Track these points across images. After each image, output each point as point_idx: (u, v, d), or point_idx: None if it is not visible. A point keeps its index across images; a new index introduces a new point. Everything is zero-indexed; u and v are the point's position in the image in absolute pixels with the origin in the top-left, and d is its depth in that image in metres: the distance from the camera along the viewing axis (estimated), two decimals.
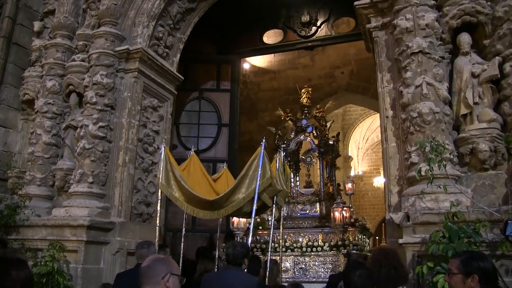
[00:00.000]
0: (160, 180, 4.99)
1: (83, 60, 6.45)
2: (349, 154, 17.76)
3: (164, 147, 5.16)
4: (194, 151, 5.69)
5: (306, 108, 9.54)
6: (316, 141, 9.09)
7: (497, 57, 4.39)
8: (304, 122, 9.24)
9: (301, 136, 9.26)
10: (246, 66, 13.63)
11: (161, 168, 5.02)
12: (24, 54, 7.28)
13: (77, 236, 5.33)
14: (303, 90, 9.67)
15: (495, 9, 4.49)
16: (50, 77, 6.47)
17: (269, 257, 5.10)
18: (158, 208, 5.28)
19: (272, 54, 13.24)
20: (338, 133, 10.36)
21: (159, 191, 5.13)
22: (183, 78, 7.32)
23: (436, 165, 3.80)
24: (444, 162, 3.87)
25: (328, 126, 9.39)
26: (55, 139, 6.37)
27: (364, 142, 19.14)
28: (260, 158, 4.56)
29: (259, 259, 5.01)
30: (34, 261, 5.38)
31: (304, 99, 9.55)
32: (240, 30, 9.04)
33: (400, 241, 4.13)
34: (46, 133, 6.29)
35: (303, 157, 9.37)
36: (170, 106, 7.07)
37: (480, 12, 4.56)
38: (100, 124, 5.89)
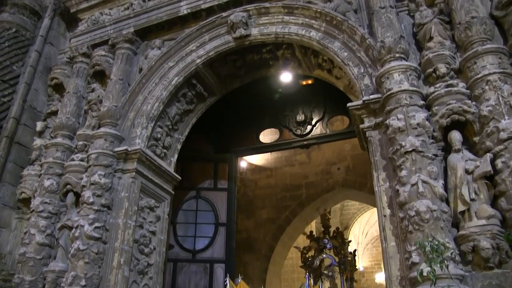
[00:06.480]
0: None
1: (82, 160, 6.53)
2: (349, 251, 17.35)
3: (229, 279, 6.41)
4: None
5: (327, 229, 11.12)
6: (336, 258, 10.56)
7: (488, 154, 4.47)
8: (325, 241, 10.83)
9: (324, 255, 10.79)
10: (243, 164, 13.78)
11: None
12: (25, 152, 7.35)
13: None
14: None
15: (480, 108, 4.65)
16: (48, 176, 6.50)
17: None
18: None
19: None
20: (355, 250, 12.05)
21: None
22: (180, 178, 7.35)
23: (438, 265, 3.69)
24: (446, 262, 3.75)
25: (346, 246, 10.87)
26: (48, 239, 6.24)
27: (363, 236, 18.82)
28: None
29: None
30: None
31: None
32: (237, 129, 9.25)
33: None
34: (40, 233, 6.18)
35: (325, 271, 10.72)
36: (167, 206, 7.01)
37: (467, 111, 4.71)
38: (96, 224, 5.80)
